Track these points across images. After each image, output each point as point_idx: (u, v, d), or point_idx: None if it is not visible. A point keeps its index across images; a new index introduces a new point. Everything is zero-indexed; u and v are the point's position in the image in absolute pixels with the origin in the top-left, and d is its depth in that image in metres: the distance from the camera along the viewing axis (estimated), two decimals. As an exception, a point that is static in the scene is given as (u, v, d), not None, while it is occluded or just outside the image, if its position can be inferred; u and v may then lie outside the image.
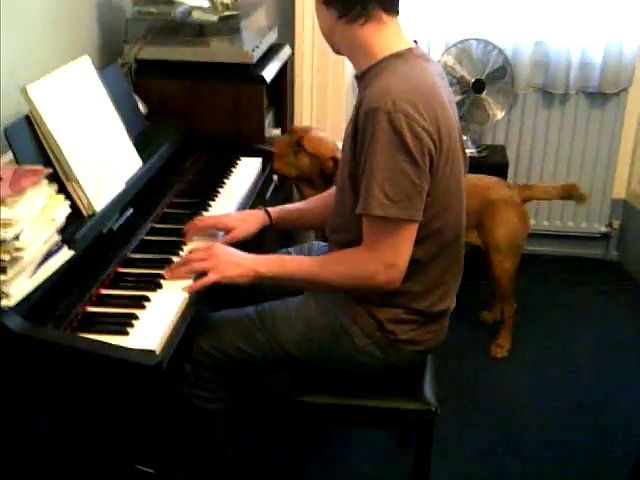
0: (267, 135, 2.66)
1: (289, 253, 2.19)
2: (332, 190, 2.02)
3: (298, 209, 2.18)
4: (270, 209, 2.11)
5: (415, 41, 1.85)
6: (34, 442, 1.69)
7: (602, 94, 3.47)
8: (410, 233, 1.73)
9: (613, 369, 2.94)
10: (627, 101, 3.50)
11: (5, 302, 1.44)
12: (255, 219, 2.06)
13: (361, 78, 1.81)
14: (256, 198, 2.36)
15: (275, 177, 2.73)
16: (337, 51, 1.89)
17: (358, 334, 1.87)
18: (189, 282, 1.74)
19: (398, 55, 1.76)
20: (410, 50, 1.78)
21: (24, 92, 1.70)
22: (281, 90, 2.95)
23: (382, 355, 1.88)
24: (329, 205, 1.99)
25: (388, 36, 1.78)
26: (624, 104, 3.50)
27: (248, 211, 2.14)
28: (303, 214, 2.16)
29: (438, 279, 1.87)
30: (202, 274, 1.77)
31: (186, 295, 1.70)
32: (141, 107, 2.35)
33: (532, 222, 3.65)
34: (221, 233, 2.00)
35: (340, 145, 2.13)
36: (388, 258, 1.73)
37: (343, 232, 1.88)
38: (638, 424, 2.32)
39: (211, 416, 1.94)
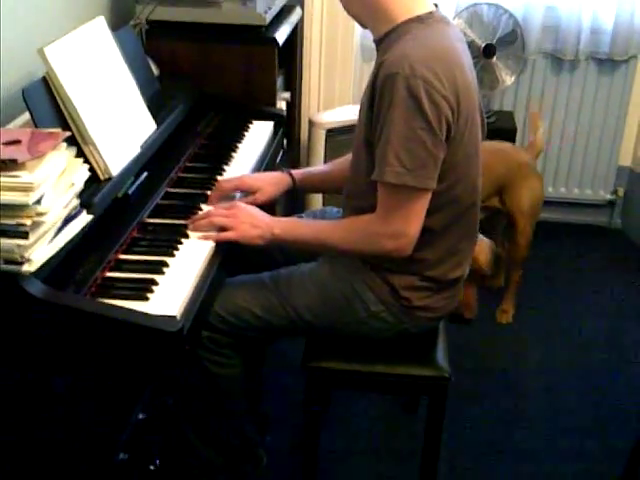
0: (278, 99, 2.64)
1: (301, 217, 2.19)
2: None
3: (322, 172, 2.17)
4: (293, 171, 2.10)
5: (435, 4, 1.82)
6: (52, 405, 1.69)
7: (612, 61, 3.44)
8: (423, 202, 1.73)
9: (615, 333, 2.97)
10: (637, 68, 3.48)
11: (26, 267, 1.43)
12: (280, 182, 2.05)
13: (380, 42, 1.78)
14: (268, 162, 2.34)
15: (285, 141, 2.71)
16: (359, 21, 1.85)
17: (372, 300, 1.87)
18: (208, 248, 1.74)
19: (419, 19, 1.73)
20: (431, 14, 1.75)
21: (41, 53, 1.67)
22: (291, 52, 2.92)
23: (396, 321, 1.89)
24: None
25: None
26: (633, 71, 3.48)
27: (272, 173, 2.12)
28: (327, 177, 2.14)
29: (452, 247, 1.87)
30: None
31: (205, 261, 1.70)
32: (153, 69, 2.33)
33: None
34: (239, 194, 2.00)
35: None
36: (399, 226, 1.73)
37: (357, 198, 1.87)
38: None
39: (225, 382, 1.95)
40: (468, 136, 1.76)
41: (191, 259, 1.70)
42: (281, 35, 2.54)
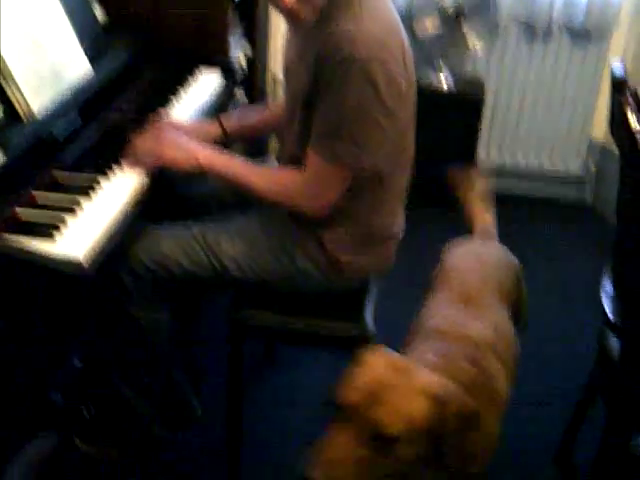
0: (233, 53, 2.57)
1: None
2: None
3: (255, 122, 2.15)
4: (226, 123, 2.07)
5: None
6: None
7: (586, 33, 3.39)
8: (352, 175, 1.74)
9: (576, 306, 2.95)
10: (611, 42, 3.42)
11: None
12: (209, 132, 2.02)
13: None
14: (217, 113, 2.28)
15: (241, 93, 2.66)
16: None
17: (299, 255, 1.86)
18: (127, 192, 1.71)
19: None
20: None
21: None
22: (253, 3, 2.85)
23: (323, 277, 1.88)
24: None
25: None
26: (608, 45, 3.43)
27: (204, 123, 2.09)
28: (259, 126, 2.14)
29: (381, 199, 1.86)
30: None
31: (121, 205, 1.67)
32: (99, 15, 2.27)
33: (508, 161, 3.64)
34: None
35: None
36: (324, 192, 1.75)
37: (292, 146, 1.84)
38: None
39: (151, 328, 1.93)
40: (408, 107, 1.76)
41: (107, 202, 1.66)
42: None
